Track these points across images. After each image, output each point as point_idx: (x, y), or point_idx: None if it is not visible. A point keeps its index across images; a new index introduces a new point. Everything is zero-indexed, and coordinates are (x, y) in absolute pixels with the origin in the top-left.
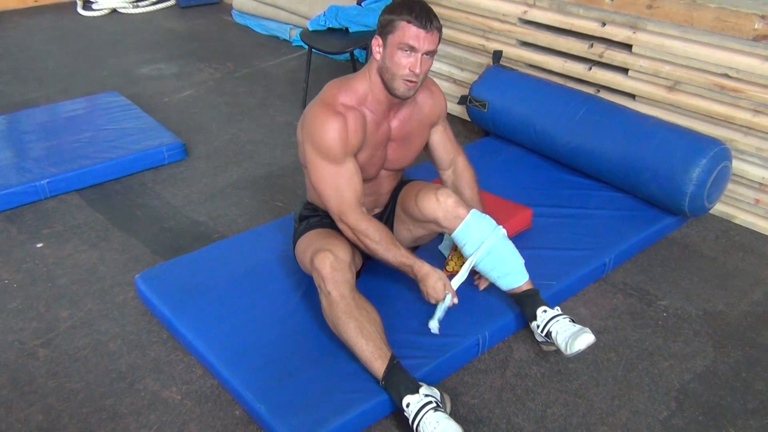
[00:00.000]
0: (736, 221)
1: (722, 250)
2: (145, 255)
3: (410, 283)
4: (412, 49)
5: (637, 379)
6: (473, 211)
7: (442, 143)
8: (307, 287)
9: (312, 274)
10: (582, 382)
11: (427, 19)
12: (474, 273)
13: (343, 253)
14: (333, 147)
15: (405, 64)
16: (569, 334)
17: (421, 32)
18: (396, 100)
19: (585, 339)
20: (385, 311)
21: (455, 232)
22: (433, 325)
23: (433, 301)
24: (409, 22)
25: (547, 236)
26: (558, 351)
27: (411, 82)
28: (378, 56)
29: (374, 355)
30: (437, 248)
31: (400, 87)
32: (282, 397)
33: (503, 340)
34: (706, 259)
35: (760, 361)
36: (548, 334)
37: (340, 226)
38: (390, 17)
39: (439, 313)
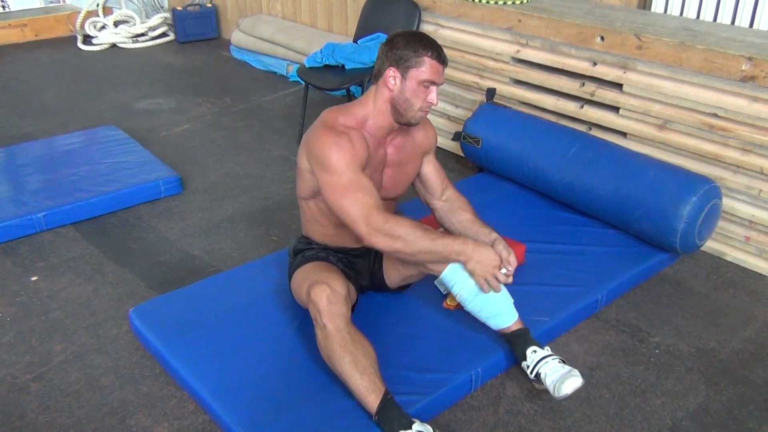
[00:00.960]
0: (727, 258)
1: (714, 287)
2: (139, 289)
3: (403, 318)
4: (433, 83)
5: (630, 417)
6: None
7: (435, 172)
8: (301, 322)
9: (308, 306)
10: (575, 420)
11: (444, 55)
12: None
13: (339, 286)
14: (343, 162)
15: (428, 97)
16: (557, 377)
17: (441, 68)
18: (395, 127)
19: (572, 383)
20: (379, 346)
21: (443, 274)
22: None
23: (491, 281)
24: (431, 57)
25: (540, 272)
26: None
27: (426, 112)
28: (393, 87)
29: (368, 389)
30: (433, 283)
31: (416, 116)
32: None
33: (496, 377)
34: (698, 296)
35: (752, 399)
36: (537, 376)
37: (371, 240)
38: (408, 53)
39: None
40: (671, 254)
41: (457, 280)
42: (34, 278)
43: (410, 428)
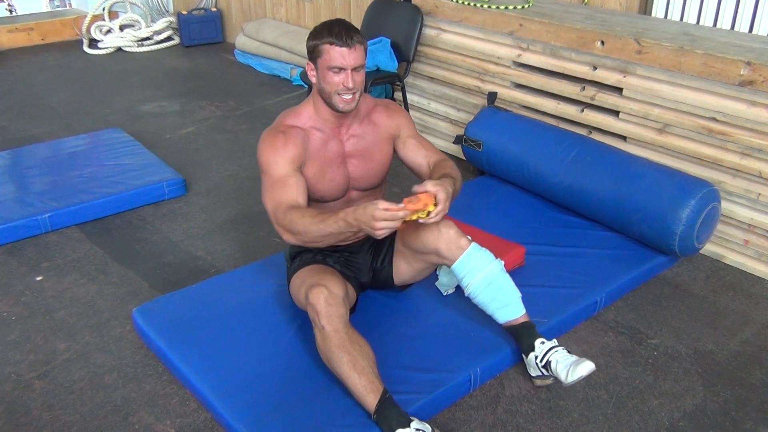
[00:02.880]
0: (726, 261)
1: (712, 290)
2: (142, 289)
3: (402, 318)
4: (341, 68)
5: (627, 417)
6: (474, 243)
7: (414, 148)
8: (302, 322)
9: (306, 309)
10: (573, 420)
11: (348, 36)
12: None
13: (337, 288)
14: (272, 160)
15: (338, 81)
16: (569, 363)
17: (344, 50)
18: (344, 117)
19: (586, 366)
20: (377, 347)
21: (456, 262)
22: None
23: (382, 230)
24: (331, 44)
25: (540, 274)
26: (549, 388)
27: (347, 96)
28: (314, 80)
29: (366, 389)
30: (434, 284)
31: (339, 103)
32: None
33: (495, 377)
34: (697, 299)
35: (749, 400)
36: (547, 365)
37: (281, 236)
38: (314, 42)
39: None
40: (670, 257)
41: (467, 272)
42: (39, 278)
43: (408, 426)
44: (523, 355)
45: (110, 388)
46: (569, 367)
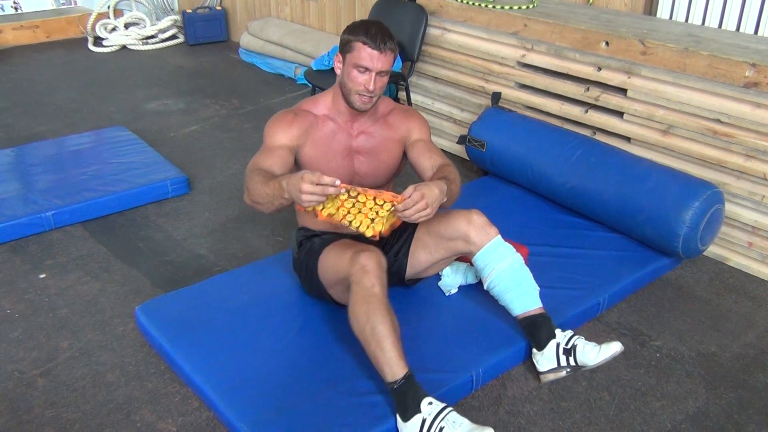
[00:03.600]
0: (730, 263)
1: (716, 292)
2: (145, 287)
3: (405, 318)
4: (367, 69)
5: (630, 419)
6: (499, 235)
7: (421, 151)
8: (305, 321)
9: (350, 270)
10: (575, 421)
11: (382, 40)
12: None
13: (383, 258)
14: (271, 132)
15: (360, 81)
16: (595, 345)
17: (375, 53)
18: (358, 114)
19: (615, 345)
20: None
21: (484, 248)
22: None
23: (308, 198)
24: (364, 43)
25: (543, 275)
26: (552, 389)
27: (366, 97)
28: (338, 71)
29: (399, 356)
30: (436, 285)
31: (356, 101)
32: (277, 431)
33: (497, 378)
34: (700, 301)
35: (752, 403)
36: (572, 348)
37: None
38: (348, 37)
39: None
40: (674, 259)
41: (493, 258)
42: (42, 276)
43: (427, 396)
44: (534, 349)
45: (112, 386)
46: (597, 348)
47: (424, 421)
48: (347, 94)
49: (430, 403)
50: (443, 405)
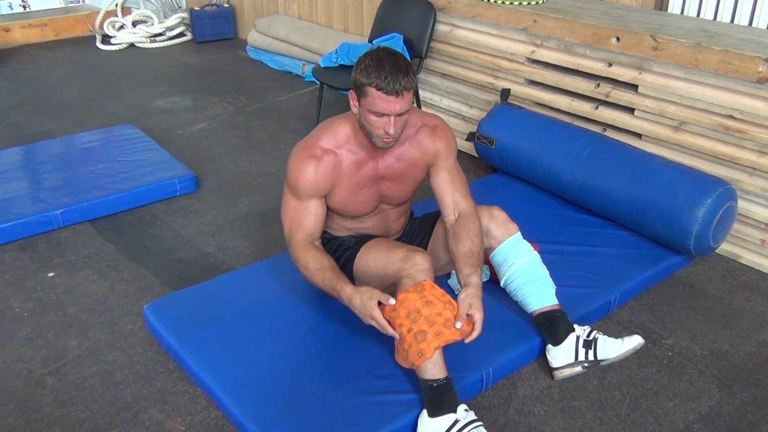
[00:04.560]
0: (742, 261)
1: (728, 290)
2: (154, 285)
3: None
4: (384, 114)
5: (641, 419)
6: (519, 232)
7: (445, 181)
8: (314, 320)
9: (403, 266)
10: (586, 421)
11: (396, 82)
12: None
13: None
14: (299, 185)
15: (379, 126)
16: (615, 339)
17: (392, 98)
18: None
19: (636, 339)
20: (389, 345)
21: (505, 242)
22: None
23: (370, 321)
24: (378, 88)
25: (553, 273)
26: (562, 388)
27: (387, 138)
28: (355, 110)
29: (442, 356)
30: (446, 283)
31: (379, 142)
32: (286, 431)
33: (507, 377)
34: (712, 299)
35: (766, 402)
36: (593, 341)
37: (289, 251)
38: (361, 80)
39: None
40: (685, 256)
41: (514, 252)
42: (51, 274)
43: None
44: (549, 345)
45: (121, 385)
46: (619, 341)
47: (456, 421)
48: (368, 135)
49: (467, 410)
50: (476, 417)
